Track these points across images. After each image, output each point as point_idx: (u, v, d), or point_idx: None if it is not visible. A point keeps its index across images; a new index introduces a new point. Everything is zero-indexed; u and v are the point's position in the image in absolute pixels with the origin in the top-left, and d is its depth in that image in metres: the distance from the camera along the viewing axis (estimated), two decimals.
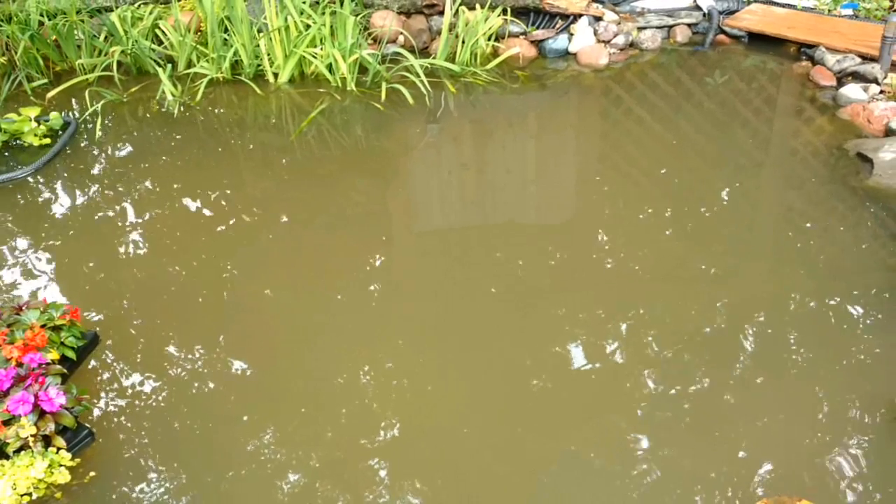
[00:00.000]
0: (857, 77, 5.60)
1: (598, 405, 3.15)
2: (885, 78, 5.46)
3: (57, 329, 3.29)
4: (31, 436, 2.81)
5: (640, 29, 6.47)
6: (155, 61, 6.18)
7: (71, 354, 3.26)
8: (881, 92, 5.37)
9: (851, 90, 5.38)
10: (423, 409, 3.17)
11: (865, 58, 5.71)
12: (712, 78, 5.96)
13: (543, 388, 3.23)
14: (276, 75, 6.07)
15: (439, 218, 4.59)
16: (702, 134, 5.26)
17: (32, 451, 2.81)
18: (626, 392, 3.19)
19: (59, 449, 2.87)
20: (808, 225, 4.27)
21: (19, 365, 3.05)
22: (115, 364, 3.44)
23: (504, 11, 6.30)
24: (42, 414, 2.87)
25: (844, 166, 4.71)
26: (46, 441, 2.87)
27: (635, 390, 3.19)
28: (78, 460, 2.92)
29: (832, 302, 3.64)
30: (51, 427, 2.85)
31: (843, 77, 5.68)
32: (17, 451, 2.82)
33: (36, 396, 2.86)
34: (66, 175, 4.99)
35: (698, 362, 3.31)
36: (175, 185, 4.85)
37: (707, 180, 4.71)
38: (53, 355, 3.17)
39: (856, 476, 2.77)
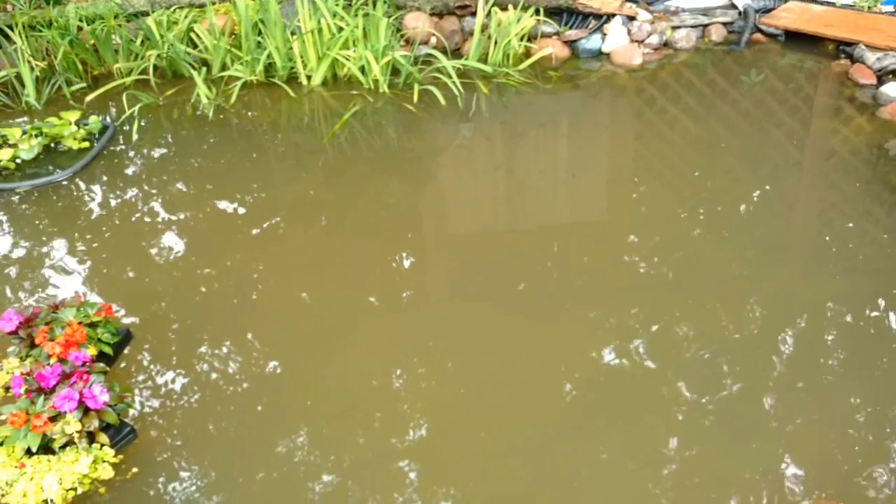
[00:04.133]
0: None
1: (631, 408, 3.12)
2: None
3: (93, 325, 3.35)
4: (77, 432, 2.86)
5: (675, 28, 6.41)
6: (190, 64, 6.25)
7: (108, 350, 3.31)
8: None
9: (892, 88, 5.29)
10: (453, 411, 3.17)
11: None
12: (748, 77, 5.89)
13: (576, 391, 3.21)
14: (309, 77, 6.11)
15: (471, 219, 4.58)
16: (737, 134, 5.20)
17: (77, 447, 2.86)
18: (660, 395, 3.16)
19: (102, 445, 2.91)
20: (847, 226, 4.20)
21: (62, 361, 3.10)
22: (150, 362, 3.49)
23: (536, 12, 6.28)
24: (86, 411, 2.91)
25: (885, 166, 4.63)
26: (90, 437, 2.92)
27: (669, 394, 3.16)
28: (121, 457, 2.97)
29: (870, 305, 3.57)
30: (95, 424, 2.90)
31: (883, 75, 5.58)
32: (63, 446, 2.87)
33: (81, 394, 2.90)
34: (103, 177, 5.06)
35: (733, 365, 3.27)
36: (209, 187, 4.90)
37: (743, 181, 4.66)
38: (91, 351, 3.22)
39: (892, 482, 2.73)
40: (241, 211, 4.62)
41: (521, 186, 4.85)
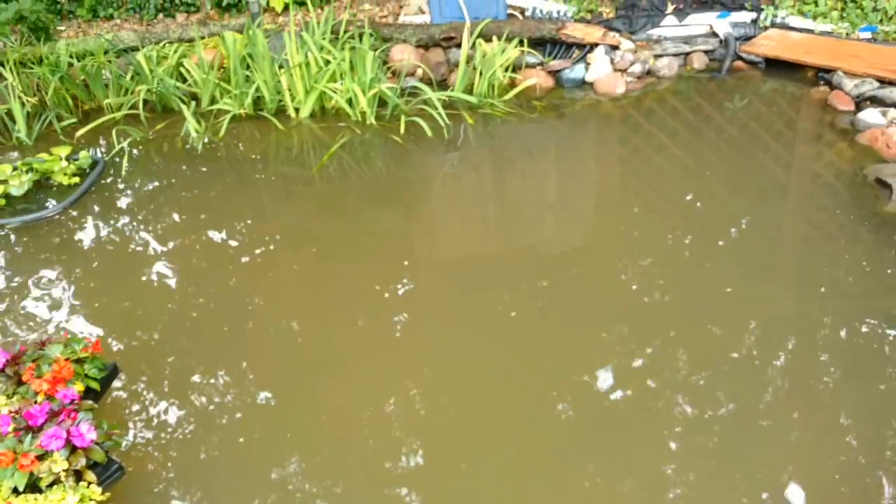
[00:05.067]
0: (876, 101, 5.61)
1: (622, 431, 3.16)
2: None
3: (80, 362, 3.38)
4: (63, 471, 2.87)
5: (657, 57, 6.53)
6: (180, 99, 6.32)
7: (95, 385, 3.34)
8: None
9: (870, 115, 5.39)
10: (446, 437, 3.20)
11: (884, 82, 5.72)
12: (731, 104, 5.99)
13: (568, 415, 3.25)
14: (297, 110, 6.19)
15: (461, 247, 4.63)
16: (721, 160, 5.28)
17: (64, 486, 2.87)
18: (651, 417, 3.19)
19: (89, 483, 2.92)
20: (827, 251, 4.26)
21: (49, 398, 3.12)
22: (139, 395, 3.51)
23: (521, 43, 6.38)
24: (74, 449, 2.93)
25: (864, 192, 4.70)
26: (78, 476, 2.93)
27: (660, 415, 3.20)
28: (108, 494, 2.98)
29: (851, 328, 3.63)
30: (82, 462, 2.91)
31: (861, 101, 5.69)
32: (50, 485, 2.88)
33: (68, 432, 2.92)
34: (93, 212, 5.10)
35: (723, 386, 3.32)
36: (199, 219, 4.95)
37: (726, 206, 4.72)
38: (79, 387, 3.25)
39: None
40: (232, 242, 4.66)
41: (509, 214, 4.92)
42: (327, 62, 6.17)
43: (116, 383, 3.57)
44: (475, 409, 3.34)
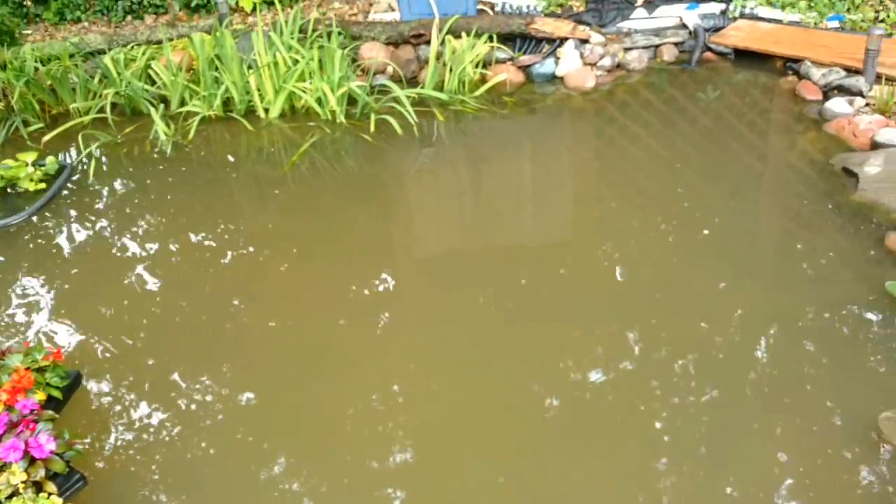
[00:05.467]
0: (843, 90, 5.63)
1: (605, 423, 3.15)
2: (869, 91, 5.49)
3: (41, 370, 3.35)
4: (22, 482, 2.85)
5: (627, 50, 6.53)
6: (149, 101, 6.28)
7: (56, 394, 3.31)
8: (866, 105, 5.39)
9: (837, 104, 5.41)
10: (431, 434, 3.19)
11: (851, 71, 5.75)
12: (702, 95, 6.00)
13: (550, 409, 3.24)
14: (266, 111, 6.16)
15: (439, 243, 4.62)
16: (690, 154, 5.29)
17: (23, 498, 2.84)
18: (634, 409, 3.19)
19: (49, 494, 2.90)
20: (794, 242, 4.28)
21: (9, 409, 3.09)
22: (109, 402, 3.48)
23: (490, 38, 6.37)
24: (33, 460, 2.90)
25: (831, 181, 4.72)
26: (38, 487, 2.90)
27: (643, 408, 3.19)
28: None
29: (814, 318, 3.64)
30: (41, 473, 2.89)
31: (828, 91, 5.71)
32: (9, 497, 2.85)
33: (26, 443, 2.89)
34: (60, 218, 5.06)
35: (706, 377, 3.33)
36: (170, 223, 4.91)
37: (697, 198, 4.72)
38: (40, 396, 3.22)
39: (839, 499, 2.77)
40: (206, 245, 4.63)
41: (487, 210, 4.91)
42: (296, 62, 6.14)
43: (93, 389, 3.54)
44: (461, 405, 3.32)
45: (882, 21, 6.51)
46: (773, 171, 5.11)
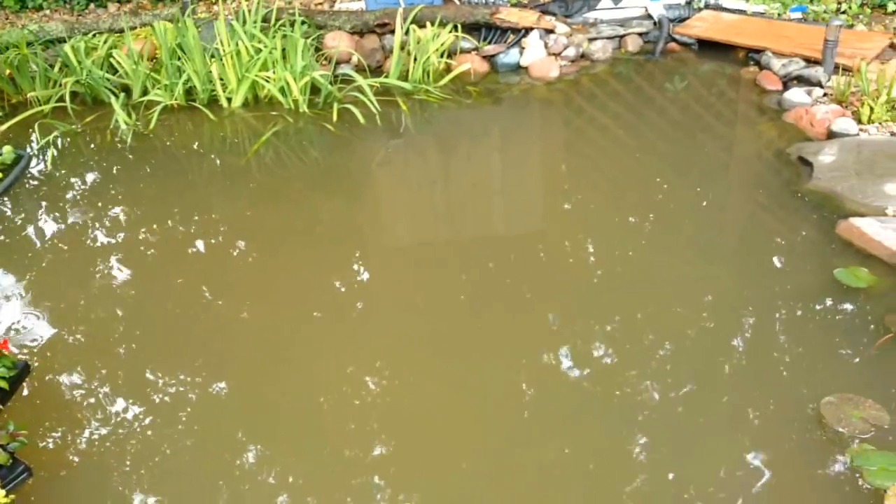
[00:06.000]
0: (802, 81, 5.68)
1: (578, 407, 3.17)
2: (828, 81, 5.54)
3: None
4: None
5: (591, 40, 6.54)
6: (110, 90, 6.20)
7: (3, 384, 3.27)
8: (824, 95, 5.44)
9: (795, 94, 5.45)
10: (405, 422, 3.18)
11: (810, 61, 5.79)
12: (664, 84, 6.03)
13: (522, 395, 3.25)
14: (229, 100, 6.11)
15: (410, 232, 4.61)
16: (650, 143, 5.32)
17: None
18: (607, 394, 3.22)
19: None
20: (751, 230, 4.32)
21: None
22: (59, 393, 3.44)
23: (455, 28, 6.36)
24: None
25: (788, 170, 4.77)
26: None
27: (616, 393, 3.22)
28: (13, 497, 2.92)
29: (766, 305, 3.68)
30: None
31: (788, 81, 5.76)
32: None
33: None
34: (16, 208, 4.99)
35: (677, 362, 3.37)
36: (131, 213, 4.87)
37: (660, 188, 4.74)
38: None
39: (775, 482, 2.81)
40: (168, 234, 4.59)
41: (456, 197, 4.91)
42: (259, 51, 6.09)
43: (45, 379, 3.49)
44: (434, 393, 3.32)
45: (844, 12, 6.57)
46: (733, 160, 5.15)
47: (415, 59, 6.20)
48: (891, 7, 6.47)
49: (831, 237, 4.09)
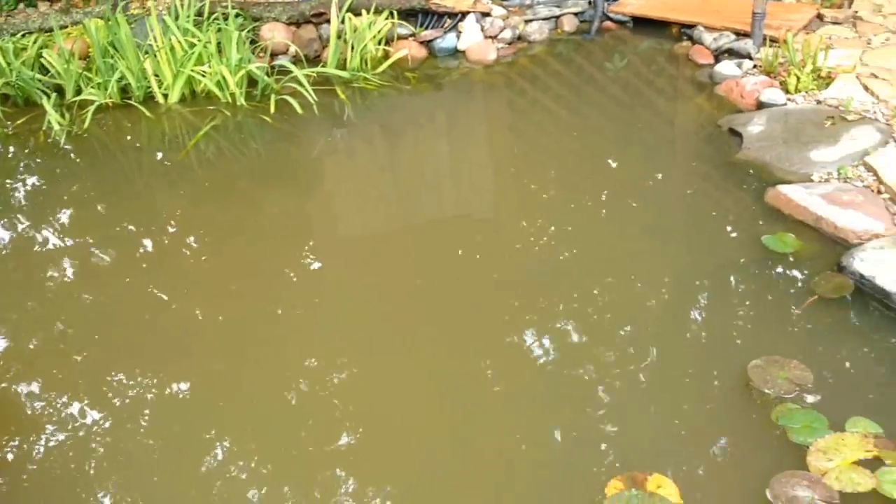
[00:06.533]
0: (733, 53, 5.79)
1: (535, 390, 3.22)
2: (757, 53, 5.65)
3: None
4: None
5: (528, 21, 6.58)
6: (42, 91, 6.08)
7: None
8: (754, 67, 5.55)
9: (726, 67, 5.56)
10: (370, 409, 3.18)
11: (740, 34, 5.90)
12: (610, 63, 6.09)
13: (482, 380, 3.28)
14: (166, 96, 6.03)
15: (362, 221, 4.59)
16: (589, 122, 5.38)
17: None
18: (563, 373, 3.27)
19: None
20: (686, 202, 4.40)
21: None
22: (15, 398, 3.39)
23: (391, 15, 6.34)
24: None
25: (720, 142, 4.86)
26: None
27: (572, 371, 3.27)
28: None
29: (698, 272, 3.78)
30: None
31: (720, 54, 5.86)
32: None
33: None
34: None
35: (627, 338, 3.44)
36: (69, 215, 4.79)
37: (599, 167, 4.81)
38: None
39: (705, 445, 2.90)
40: (110, 235, 4.50)
41: (405, 185, 4.92)
42: (193, 45, 6.02)
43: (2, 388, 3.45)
44: (398, 381, 3.32)
45: None
46: (669, 135, 5.24)
47: (352, 48, 6.18)
48: None
49: (761, 205, 4.20)
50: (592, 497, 2.69)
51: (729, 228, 4.10)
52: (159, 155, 5.47)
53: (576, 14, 6.71)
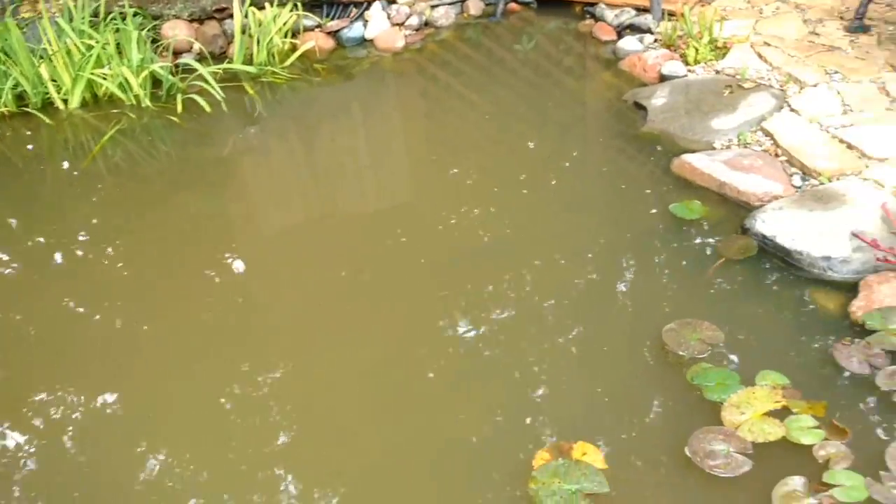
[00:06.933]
0: (635, 29, 5.94)
1: (469, 375, 3.25)
2: (657, 27, 5.81)
3: None
4: None
5: (434, 7, 6.59)
6: None
7: None
8: (655, 41, 5.71)
9: (628, 42, 5.70)
10: (303, 406, 3.16)
11: (640, 9, 6.05)
12: (518, 44, 6.16)
13: (412, 362, 3.32)
14: (66, 101, 5.82)
15: (281, 219, 4.53)
16: (498, 103, 5.45)
17: None
18: (493, 355, 3.31)
19: None
20: (594, 178, 4.52)
21: None
22: None
23: (295, 6, 6.27)
24: None
25: (626, 116, 5.00)
26: None
27: (502, 351, 3.32)
28: None
29: (610, 242, 3.91)
30: None
31: (622, 30, 6.00)
32: None
33: None
34: None
35: (559, 317, 3.51)
36: None
37: (515, 149, 4.86)
38: None
39: (625, 410, 3.00)
40: (18, 251, 4.33)
41: (325, 178, 4.87)
42: (90, 47, 5.82)
43: None
44: (329, 373, 3.31)
45: None
46: (579, 113, 5.35)
47: (258, 42, 6.08)
48: None
49: (668, 174, 4.34)
50: (522, 470, 2.76)
51: (639, 200, 4.22)
52: (65, 164, 5.28)
53: None
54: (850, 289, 3.40)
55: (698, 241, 3.84)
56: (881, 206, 3.60)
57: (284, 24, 6.15)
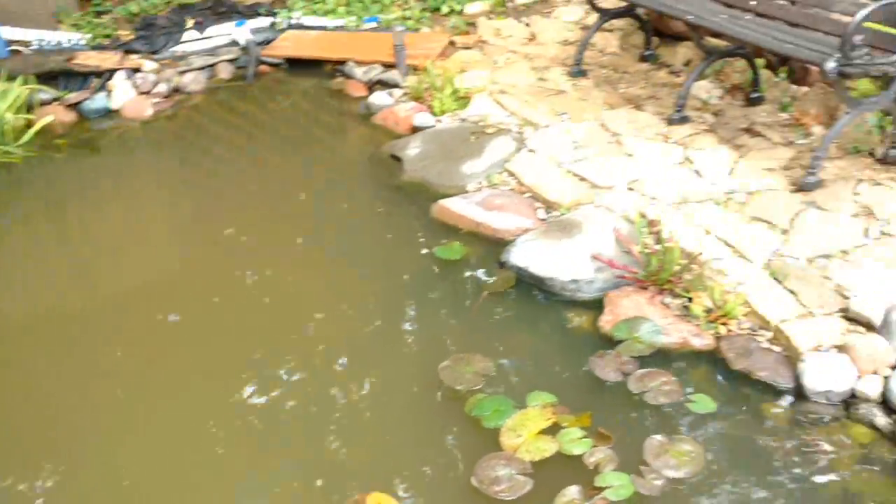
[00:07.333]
0: (384, 84, 6.21)
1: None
2: (404, 81, 6.12)
3: None
4: None
5: (182, 73, 6.47)
6: None
7: None
8: (404, 94, 6.01)
9: (378, 97, 5.95)
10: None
11: (388, 65, 6.35)
12: (273, 103, 6.18)
13: (204, 440, 3.13)
14: None
15: (37, 305, 4.15)
16: (261, 164, 5.44)
17: None
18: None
19: None
20: (358, 231, 4.61)
21: None
22: None
23: (26, 81, 5.86)
24: None
25: (383, 168, 5.18)
26: None
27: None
28: None
29: (384, 290, 4.03)
30: None
31: (372, 86, 6.25)
32: None
33: None
34: None
35: (297, 361, 3.55)
36: None
37: (277, 206, 4.86)
38: None
39: (414, 452, 3.11)
40: None
41: (80, 259, 4.57)
42: None
43: None
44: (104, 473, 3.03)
45: (409, 18, 7.30)
46: (340, 167, 5.46)
47: None
48: (444, 10, 7.35)
49: (429, 220, 4.57)
50: None
51: (407, 245, 4.40)
52: None
53: (230, 61, 6.73)
54: (598, 306, 3.77)
55: (463, 278, 4.08)
56: (613, 230, 4.05)
57: (16, 99, 5.72)
